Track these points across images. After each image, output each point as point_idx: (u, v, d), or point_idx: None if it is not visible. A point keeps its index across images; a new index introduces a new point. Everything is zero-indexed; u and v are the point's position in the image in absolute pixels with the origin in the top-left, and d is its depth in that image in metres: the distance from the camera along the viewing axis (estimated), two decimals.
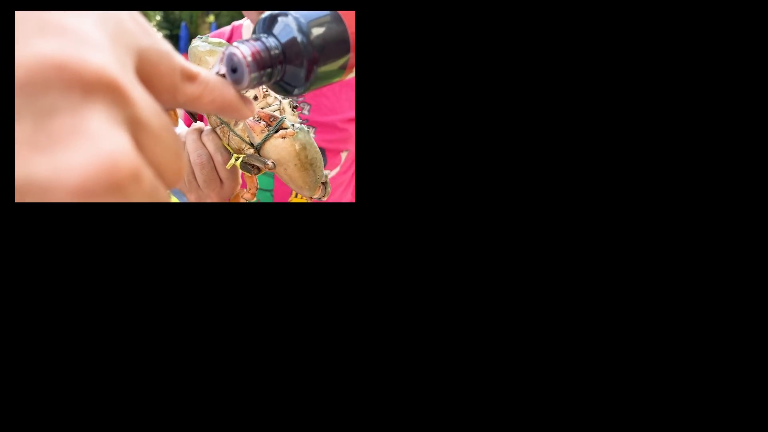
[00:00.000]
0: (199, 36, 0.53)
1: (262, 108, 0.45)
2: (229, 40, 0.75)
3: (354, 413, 0.35)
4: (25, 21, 0.15)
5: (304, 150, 0.43)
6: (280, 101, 0.46)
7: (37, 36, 0.15)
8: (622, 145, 0.36)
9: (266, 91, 0.46)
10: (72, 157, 0.13)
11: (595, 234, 0.36)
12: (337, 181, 0.76)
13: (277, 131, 0.43)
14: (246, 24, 0.79)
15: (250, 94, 0.45)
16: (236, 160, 0.46)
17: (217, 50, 0.49)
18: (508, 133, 0.36)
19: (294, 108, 0.48)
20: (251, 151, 0.45)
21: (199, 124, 0.52)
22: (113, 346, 0.33)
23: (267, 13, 0.28)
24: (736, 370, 0.35)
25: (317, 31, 0.27)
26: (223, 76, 0.25)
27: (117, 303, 0.33)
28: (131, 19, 0.19)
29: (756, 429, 0.34)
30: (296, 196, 0.76)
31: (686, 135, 0.35)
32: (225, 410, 0.35)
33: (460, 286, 0.35)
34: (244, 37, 0.79)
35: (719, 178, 0.35)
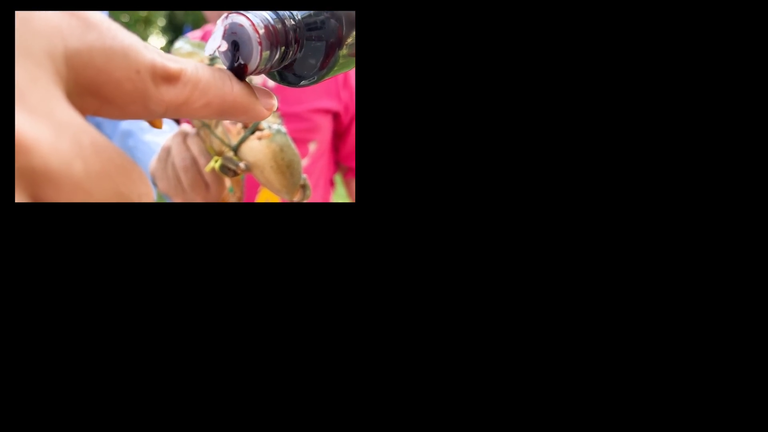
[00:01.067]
0: (182, 37, 0.52)
1: None
2: None
3: (346, 419, 0.35)
4: None
5: (281, 152, 0.42)
6: None
7: None
8: (622, 146, 0.35)
9: None
10: None
11: (595, 235, 0.35)
12: (307, 172, 0.75)
13: (253, 132, 0.43)
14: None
15: None
16: (215, 162, 0.45)
17: (197, 52, 0.49)
18: (510, 132, 0.35)
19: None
20: (231, 153, 0.45)
21: (184, 126, 0.52)
22: (97, 346, 0.33)
23: None
24: (736, 370, 0.34)
25: (335, 12, 0.21)
26: (224, 60, 0.20)
27: (103, 304, 0.32)
28: (60, 13, 0.14)
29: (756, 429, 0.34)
30: (262, 192, 0.75)
31: (686, 135, 0.35)
32: (202, 415, 0.34)
33: (460, 287, 0.35)
34: None
35: (719, 178, 0.35)
